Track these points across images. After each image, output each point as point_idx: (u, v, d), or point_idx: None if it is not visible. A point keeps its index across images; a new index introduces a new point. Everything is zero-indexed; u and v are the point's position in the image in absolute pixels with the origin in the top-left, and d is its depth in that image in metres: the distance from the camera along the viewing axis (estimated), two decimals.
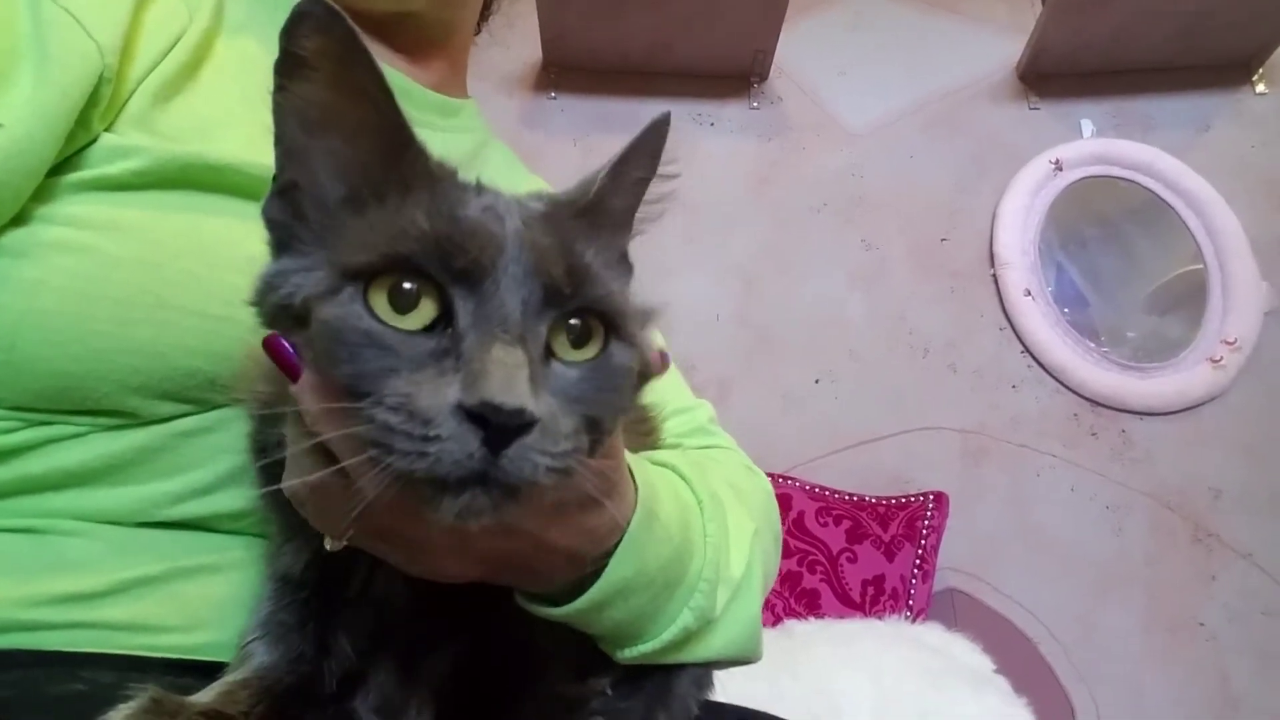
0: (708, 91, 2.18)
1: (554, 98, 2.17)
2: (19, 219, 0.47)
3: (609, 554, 0.43)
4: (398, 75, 0.68)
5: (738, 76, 2.16)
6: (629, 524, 0.43)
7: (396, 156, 0.36)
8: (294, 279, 0.35)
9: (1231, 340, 1.92)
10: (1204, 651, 1.78)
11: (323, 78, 0.35)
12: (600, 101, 2.17)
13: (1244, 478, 1.88)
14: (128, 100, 0.51)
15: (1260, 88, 2.13)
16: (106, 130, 0.50)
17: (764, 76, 2.15)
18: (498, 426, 0.30)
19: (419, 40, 0.70)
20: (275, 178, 0.38)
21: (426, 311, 0.33)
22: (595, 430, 0.36)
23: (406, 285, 0.33)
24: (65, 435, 0.48)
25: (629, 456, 0.46)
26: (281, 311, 0.35)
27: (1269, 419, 1.91)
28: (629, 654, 0.47)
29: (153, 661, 0.48)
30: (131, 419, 0.49)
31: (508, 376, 0.31)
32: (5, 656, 0.45)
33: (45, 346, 0.46)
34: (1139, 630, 1.80)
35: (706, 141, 2.16)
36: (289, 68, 0.35)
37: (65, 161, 0.49)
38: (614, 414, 0.37)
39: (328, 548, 0.39)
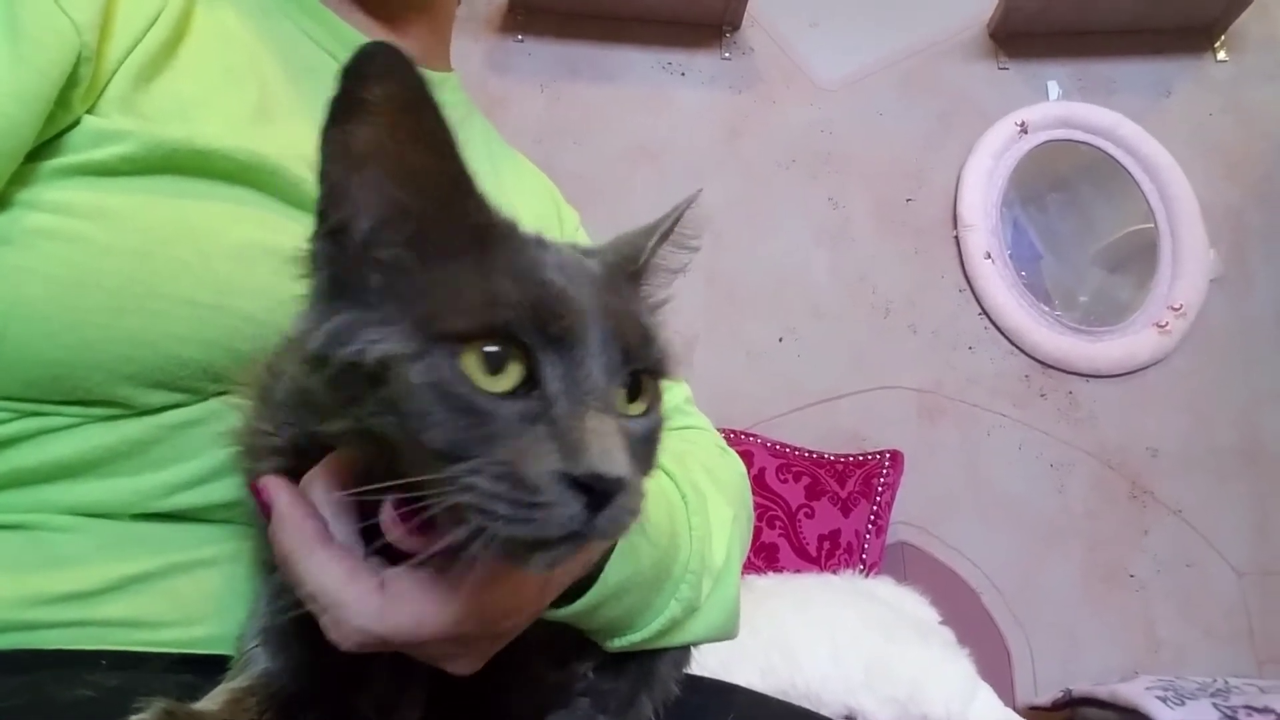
0: (679, 40, 2.13)
1: (520, 40, 2.10)
2: (1, 205, 0.45)
3: (601, 564, 0.45)
4: None
5: (710, 25, 2.12)
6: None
7: (458, 206, 0.36)
8: (366, 334, 0.35)
9: (1178, 306, 1.99)
10: (1133, 600, 1.89)
11: (383, 123, 0.34)
12: (568, 46, 2.11)
13: (1180, 439, 1.97)
14: (109, 81, 0.49)
15: (1221, 55, 2.16)
16: (89, 112, 0.48)
17: (736, 26, 2.11)
18: (601, 493, 0.32)
19: (399, 7, 0.68)
20: (321, 215, 0.37)
21: (514, 374, 0.34)
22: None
23: (497, 349, 0.34)
24: (58, 426, 0.47)
25: None
26: (350, 369, 0.35)
27: (1208, 383, 2.00)
28: (617, 644, 0.49)
29: (151, 657, 0.48)
30: (124, 409, 0.48)
31: (608, 446, 0.33)
32: (6, 658, 0.45)
33: (36, 337, 0.45)
34: (1075, 581, 1.90)
35: (677, 91, 2.12)
36: (346, 109, 0.34)
37: (47, 145, 0.47)
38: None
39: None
